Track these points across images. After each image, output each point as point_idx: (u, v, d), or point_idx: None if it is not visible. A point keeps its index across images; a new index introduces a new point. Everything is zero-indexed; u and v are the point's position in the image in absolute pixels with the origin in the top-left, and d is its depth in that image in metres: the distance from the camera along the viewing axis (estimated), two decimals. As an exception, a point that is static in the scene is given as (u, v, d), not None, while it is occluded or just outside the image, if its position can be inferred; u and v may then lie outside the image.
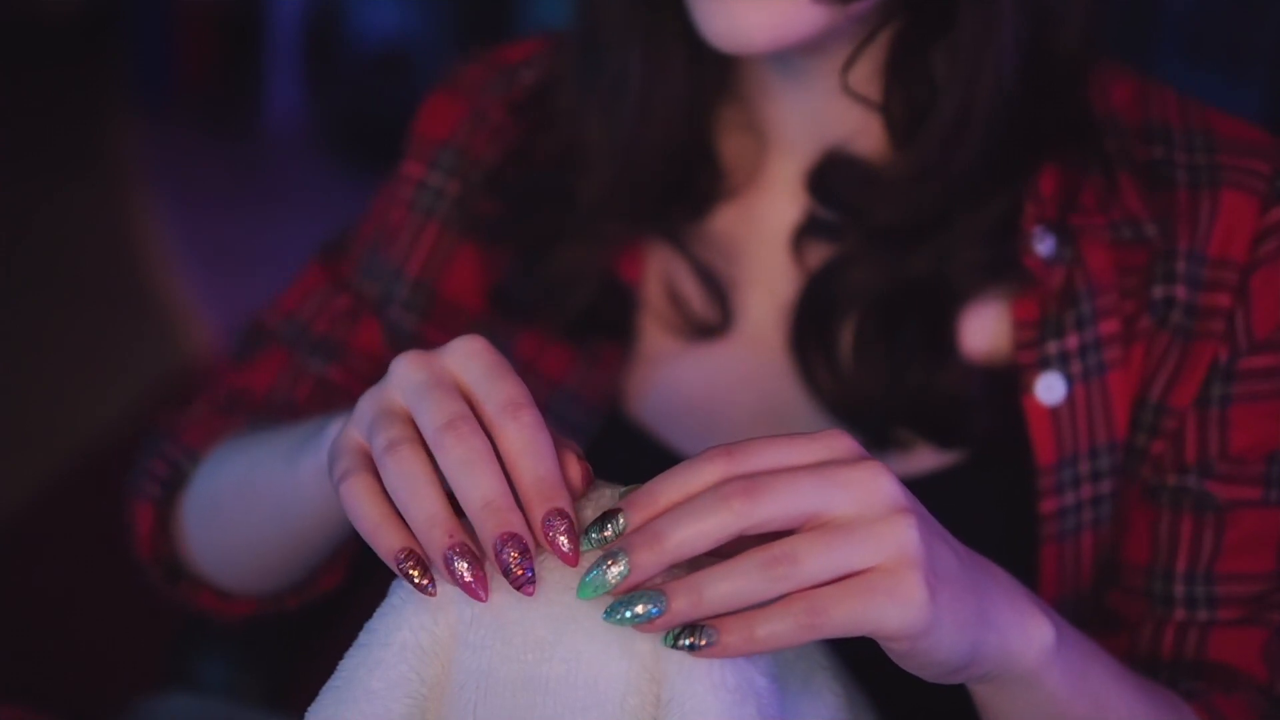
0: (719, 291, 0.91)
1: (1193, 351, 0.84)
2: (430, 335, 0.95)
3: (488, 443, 0.61)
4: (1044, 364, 0.84)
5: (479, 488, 0.60)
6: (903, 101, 0.84)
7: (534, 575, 0.60)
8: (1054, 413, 0.84)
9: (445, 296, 0.96)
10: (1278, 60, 2.24)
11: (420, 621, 0.63)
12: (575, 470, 0.63)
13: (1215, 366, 0.84)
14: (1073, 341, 0.84)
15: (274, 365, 0.97)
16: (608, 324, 0.91)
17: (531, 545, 0.60)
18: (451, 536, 0.60)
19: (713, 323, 0.91)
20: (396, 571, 0.62)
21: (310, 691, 0.65)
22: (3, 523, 2.30)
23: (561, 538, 0.60)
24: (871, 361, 0.86)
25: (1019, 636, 0.64)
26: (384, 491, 0.63)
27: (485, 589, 0.60)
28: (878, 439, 0.86)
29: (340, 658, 0.65)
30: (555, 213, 0.91)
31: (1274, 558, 0.84)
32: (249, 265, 3.11)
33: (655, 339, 0.92)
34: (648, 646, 0.61)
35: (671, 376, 0.92)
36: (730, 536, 0.58)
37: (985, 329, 0.87)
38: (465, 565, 0.60)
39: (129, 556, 0.96)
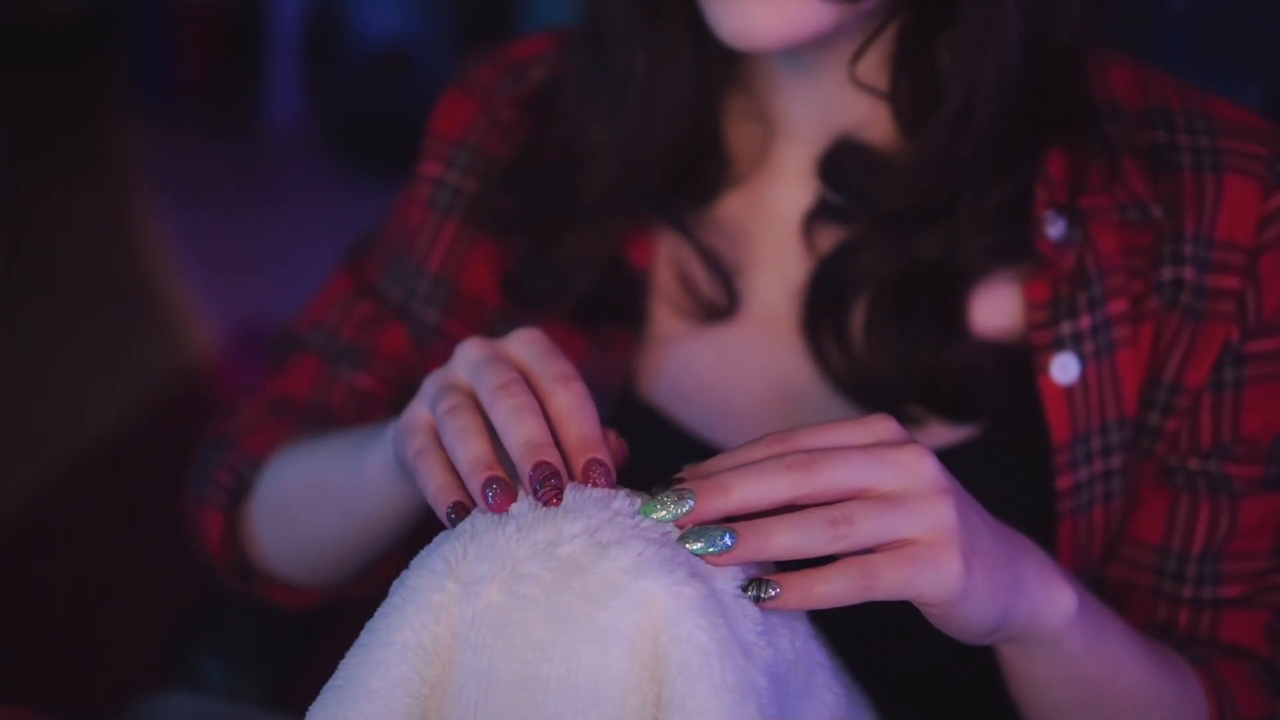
0: (724, 275, 0.92)
1: (1203, 332, 0.85)
2: (451, 329, 0.97)
3: (535, 401, 0.68)
4: (1058, 344, 0.86)
5: (522, 431, 0.66)
6: (908, 91, 0.85)
7: (560, 497, 0.65)
8: (1068, 392, 0.86)
9: (465, 291, 0.97)
10: (1278, 60, 2.25)
11: (421, 621, 0.63)
12: (614, 441, 0.69)
13: (1227, 347, 0.85)
14: (1085, 322, 0.86)
15: (308, 373, 1.01)
16: (616, 308, 0.93)
17: (564, 472, 0.65)
18: (490, 470, 0.66)
19: (720, 305, 0.92)
20: (448, 524, 0.67)
21: (310, 691, 0.65)
22: (3, 523, 2.30)
23: (599, 482, 0.65)
24: (883, 341, 0.88)
25: (1046, 603, 0.70)
26: (450, 463, 0.69)
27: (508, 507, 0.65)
28: (891, 417, 0.87)
29: (341, 657, 0.65)
30: (561, 207, 0.92)
31: (1274, 536, 0.88)
32: (249, 265, 3.11)
33: (667, 322, 0.93)
34: (648, 646, 0.62)
35: (683, 358, 0.93)
36: (787, 500, 0.63)
37: (996, 309, 0.88)
38: (497, 489, 0.65)
39: (129, 556, 0.97)
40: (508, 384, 0.68)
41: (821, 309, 0.89)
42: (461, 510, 0.67)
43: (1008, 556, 0.68)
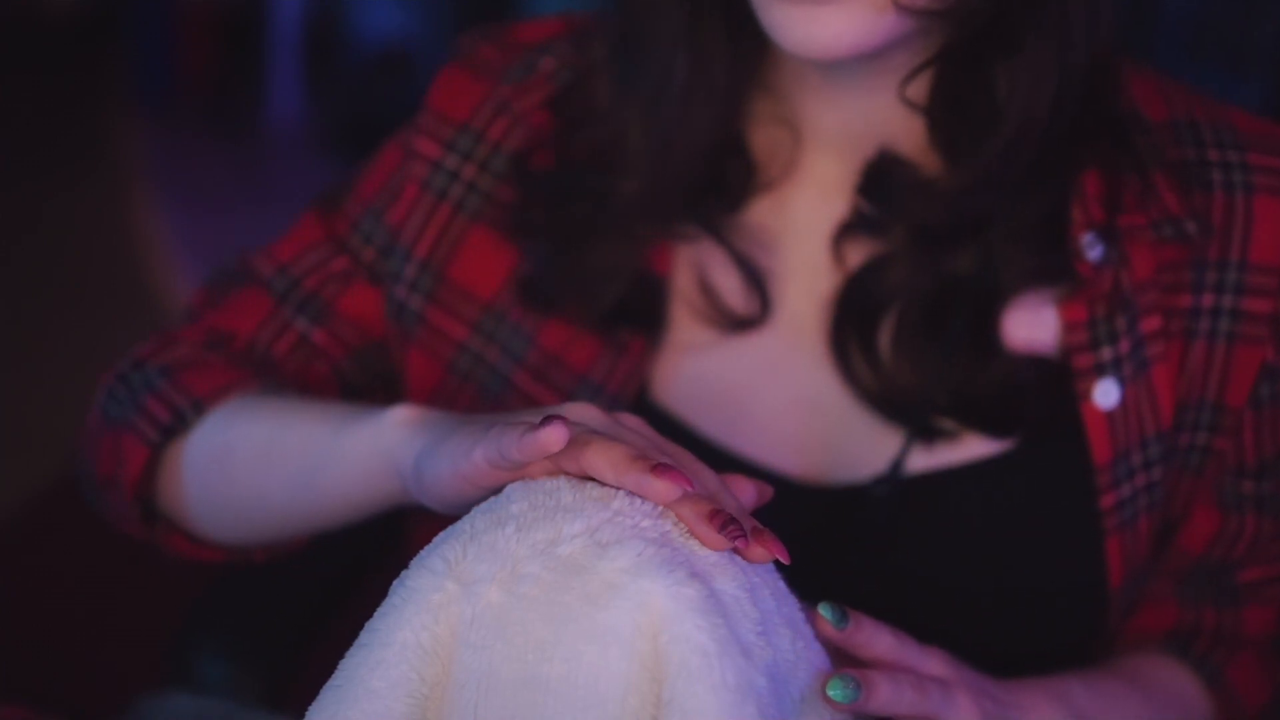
0: (758, 282, 0.90)
1: (1239, 354, 0.86)
2: (434, 317, 0.95)
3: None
4: (1099, 370, 0.86)
5: (708, 483, 0.71)
6: (955, 112, 0.84)
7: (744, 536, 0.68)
8: (1110, 416, 0.86)
9: (453, 280, 0.95)
10: (1278, 60, 2.24)
11: (421, 621, 0.63)
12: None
13: (1265, 368, 0.86)
14: (1124, 346, 0.86)
15: (257, 312, 0.98)
16: (636, 315, 0.91)
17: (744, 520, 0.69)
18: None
19: (749, 314, 0.91)
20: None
21: (310, 691, 0.65)
22: (3, 523, 2.30)
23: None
24: (911, 355, 0.87)
25: None
26: None
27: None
28: (922, 430, 0.88)
29: (341, 657, 0.65)
30: (589, 209, 0.90)
31: None
32: (249, 265, 3.11)
33: (686, 329, 0.92)
34: (648, 646, 0.62)
35: (702, 365, 0.92)
36: (903, 711, 0.75)
37: (1031, 325, 0.87)
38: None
39: (129, 556, 0.96)
40: (663, 446, 0.72)
41: (850, 322, 0.88)
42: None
43: None
